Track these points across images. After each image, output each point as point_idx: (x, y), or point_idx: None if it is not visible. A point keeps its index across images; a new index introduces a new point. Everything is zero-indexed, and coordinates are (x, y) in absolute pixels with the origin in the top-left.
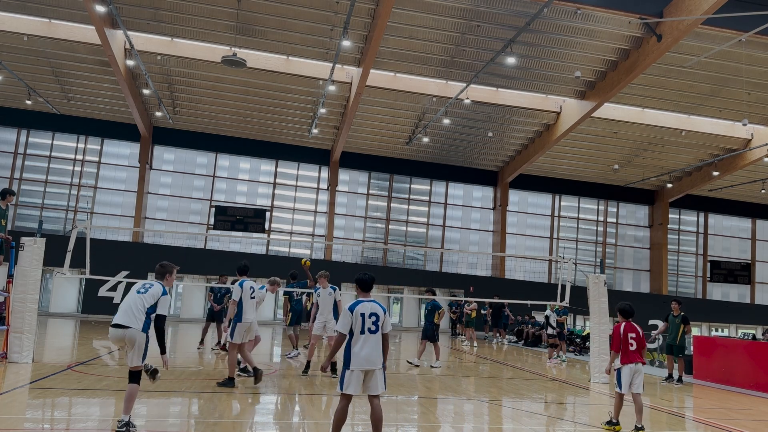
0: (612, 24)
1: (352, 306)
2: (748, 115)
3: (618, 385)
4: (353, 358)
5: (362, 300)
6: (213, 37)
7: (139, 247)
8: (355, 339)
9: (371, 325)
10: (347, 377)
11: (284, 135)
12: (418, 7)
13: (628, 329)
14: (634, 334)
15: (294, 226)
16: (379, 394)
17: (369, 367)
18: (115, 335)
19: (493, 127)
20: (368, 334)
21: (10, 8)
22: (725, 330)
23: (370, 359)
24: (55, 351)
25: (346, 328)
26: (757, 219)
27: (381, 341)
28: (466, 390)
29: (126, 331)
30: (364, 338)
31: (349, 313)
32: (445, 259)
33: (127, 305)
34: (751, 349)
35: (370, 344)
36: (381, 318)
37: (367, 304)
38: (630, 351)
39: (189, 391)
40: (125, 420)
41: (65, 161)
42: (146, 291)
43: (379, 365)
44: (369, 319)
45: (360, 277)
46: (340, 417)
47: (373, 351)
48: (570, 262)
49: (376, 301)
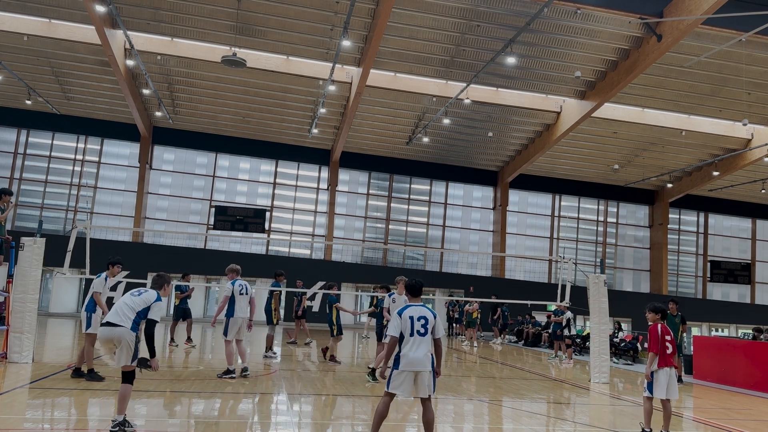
0: (612, 24)
1: (401, 310)
2: (748, 115)
3: (648, 389)
4: (402, 359)
5: (411, 304)
6: (213, 37)
7: (139, 247)
8: (405, 341)
9: (420, 327)
10: (395, 377)
11: (284, 135)
12: (418, 7)
13: (665, 331)
14: (669, 337)
15: (294, 226)
16: (428, 396)
17: (418, 369)
18: (104, 333)
19: (493, 127)
20: (417, 337)
21: (10, 8)
22: (725, 330)
23: (418, 361)
24: (55, 351)
25: (397, 331)
26: (757, 219)
27: (431, 344)
28: (466, 390)
29: (114, 329)
30: (413, 340)
31: (398, 317)
32: (445, 259)
33: (119, 306)
34: (751, 349)
35: (419, 346)
36: (430, 322)
37: (416, 308)
38: (667, 354)
39: (189, 391)
40: (119, 420)
41: (65, 161)
42: (140, 295)
43: (428, 367)
44: (418, 322)
45: (410, 283)
46: (381, 412)
47: (421, 353)
48: (570, 262)
49: (425, 305)
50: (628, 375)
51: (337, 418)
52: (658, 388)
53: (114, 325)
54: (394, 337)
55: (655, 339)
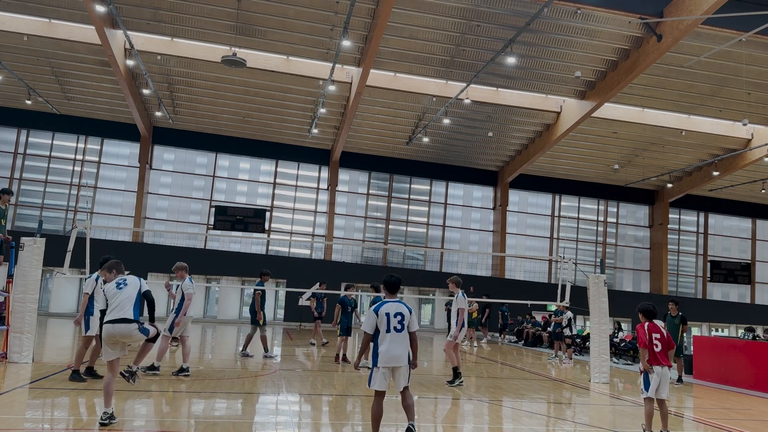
0: (612, 24)
1: (376, 307)
2: (748, 115)
3: (644, 388)
4: (380, 356)
5: (387, 300)
6: (213, 37)
7: (139, 247)
8: (382, 338)
9: (397, 324)
10: (374, 375)
11: (284, 135)
12: (418, 7)
13: (652, 329)
14: (658, 335)
15: (294, 226)
16: (406, 386)
17: (395, 365)
18: (122, 330)
19: (493, 127)
20: (394, 333)
21: (10, 8)
22: (725, 330)
23: (395, 356)
24: (55, 351)
25: (371, 328)
26: (757, 219)
27: (408, 339)
28: (466, 390)
29: (130, 325)
30: (390, 336)
31: (374, 314)
32: (445, 259)
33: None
34: (751, 349)
35: (396, 342)
36: (406, 317)
37: (392, 304)
38: (655, 352)
39: (189, 391)
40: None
41: (65, 161)
42: (126, 286)
43: (404, 362)
44: (394, 318)
45: (386, 279)
46: (376, 412)
47: (398, 349)
48: (570, 262)
49: (401, 301)
50: (628, 375)
51: (338, 418)
52: (650, 386)
53: (129, 321)
54: (367, 333)
55: (642, 335)
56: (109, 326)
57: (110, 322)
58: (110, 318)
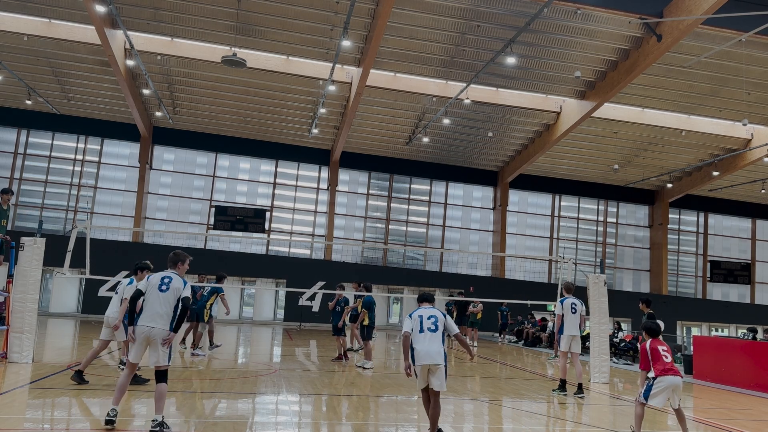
0: (612, 24)
1: (412, 312)
2: (748, 115)
3: (644, 395)
4: (416, 355)
5: (421, 308)
6: (213, 37)
7: (139, 247)
8: (416, 338)
9: (431, 325)
10: (416, 372)
11: (284, 135)
12: (418, 7)
13: (657, 344)
14: (664, 347)
15: (294, 226)
16: (438, 392)
17: (429, 362)
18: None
19: (493, 127)
20: (428, 333)
21: (10, 8)
22: (725, 330)
23: (429, 354)
24: (55, 351)
25: (408, 329)
26: (757, 219)
27: (442, 339)
28: (466, 390)
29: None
30: (424, 336)
31: (409, 318)
32: (445, 259)
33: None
34: (751, 349)
35: (430, 342)
36: (440, 319)
37: (426, 310)
38: (666, 362)
39: (189, 391)
40: (158, 420)
41: (65, 161)
42: (168, 290)
43: (439, 361)
44: (428, 320)
45: (420, 294)
46: (425, 406)
47: (432, 347)
48: (570, 262)
49: (435, 308)
50: (628, 375)
51: (338, 418)
52: (655, 396)
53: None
54: (406, 332)
55: (644, 357)
56: (145, 329)
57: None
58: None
